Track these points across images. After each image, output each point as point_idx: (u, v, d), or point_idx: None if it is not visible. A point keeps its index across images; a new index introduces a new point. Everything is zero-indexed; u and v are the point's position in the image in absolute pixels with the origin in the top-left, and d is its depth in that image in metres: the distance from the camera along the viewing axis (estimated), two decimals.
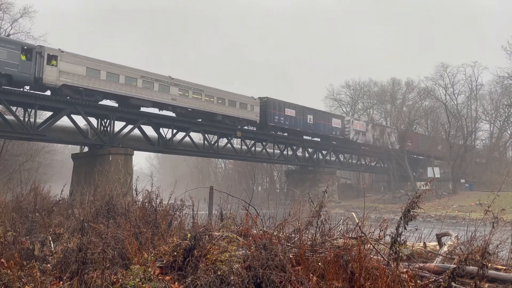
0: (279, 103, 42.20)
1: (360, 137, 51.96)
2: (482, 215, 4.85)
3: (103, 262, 4.87)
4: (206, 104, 35.68)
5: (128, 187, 11.32)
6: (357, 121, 54.21)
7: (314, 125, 45.74)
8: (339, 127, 49.53)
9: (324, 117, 48.29)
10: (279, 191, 58.30)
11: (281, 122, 41.94)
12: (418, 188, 5.01)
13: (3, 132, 25.59)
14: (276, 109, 41.71)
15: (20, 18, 34.50)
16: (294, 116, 43.22)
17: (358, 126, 52.51)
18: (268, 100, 41.30)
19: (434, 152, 58.12)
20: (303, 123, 44.36)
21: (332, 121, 48.75)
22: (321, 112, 48.46)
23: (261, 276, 4.26)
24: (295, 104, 43.84)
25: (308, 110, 45.48)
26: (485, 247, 4.20)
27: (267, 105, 40.80)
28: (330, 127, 48.15)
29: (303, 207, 6.63)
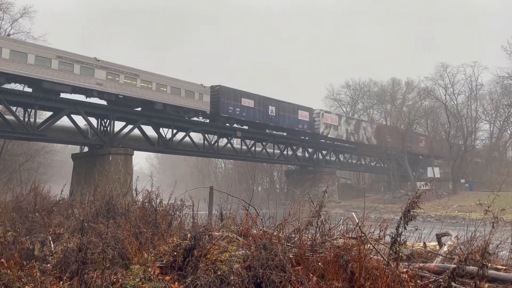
0: (234, 92, 38.10)
1: (332, 131, 48.36)
2: (482, 215, 4.86)
3: (103, 262, 4.87)
4: (142, 90, 31.17)
5: (128, 187, 11.32)
6: (328, 114, 49.74)
7: (277, 117, 41.75)
8: (307, 120, 45.39)
9: (289, 109, 43.83)
10: (279, 191, 58.30)
11: (237, 113, 37.72)
12: (418, 188, 5.01)
13: (3, 132, 25.61)
14: (231, 98, 37.45)
15: (20, 18, 34.54)
16: (252, 107, 39.09)
17: (329, 120, 48.52)
18: (221, 88, 37.18)
19: (417, 149, 56.59)
20: (263, 115, 40.37)
21: (298, 113, 44.54)
22: (285, 103, 43.61)
23: (261, 276, 4.26)
24: (254, 94, 40.03)
25: (269, 100, 41.56)
26: (485, 247, 4.20)
27: (220, 94, 36.64)
28: (296, 120, 44.15)
29: (303, 207, 6.63)
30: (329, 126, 47.93)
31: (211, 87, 36.90)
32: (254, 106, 39.31)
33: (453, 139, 55.23)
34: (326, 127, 47.54)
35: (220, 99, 36.64)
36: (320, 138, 47.63)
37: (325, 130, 47.46)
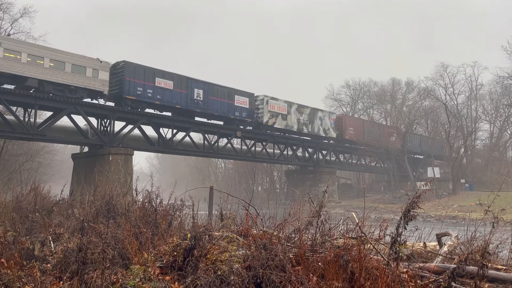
0: (145, 70, 31.16)
1: (279, 120, 41.81)
2: (482, 215, 4.86)
3: (103, 262, 4.87)
4: (6, 62, 24.33)
5: (128, 187, 11.33)
6: (275, 101, 41.82)
7: (205, 102, 35.13)
8: (246, 107, 38.72)
9: (221, 93, 36.87)
10: (279, 191, 58.31)
11: (148, 96, 31.02)
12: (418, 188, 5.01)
13: (3, 132, 25.60)
14: (140, 77, 30.57)
15: (20, 18, 34.57)
16: (171, 89, 32.52)
17: (276, 107, 41.72)
18: (126, 65, 30.24)
19: (386, 143, 52.46)
20: (186, 99, 33.70)
21: (235, 98, 37.77)
22: (216, 86, 36.77)
23: (261, 276, 4.26)
24: (173, 73, 33.23)
25: (194, 82, 34.56)
26: (485, 247, 4.21)
27: (125, 72, 29.75)
28: (231, 106, 37.46)
29: (303, 207, 6.64)
30: (275, 115, 41.46)
31: (114, 63, 30.65)
32: (173, 88, 32.76)
33: (453, 139, 55.23)
34: (271, 116, 41.07)
35: (125, 78, 29.75)
36: (264, 128, 40.98)
37: (271, 119, 40.96)
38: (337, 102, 71.28)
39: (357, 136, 50.55)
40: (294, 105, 44.18)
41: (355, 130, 50.54)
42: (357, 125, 51.94)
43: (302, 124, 44.63)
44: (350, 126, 50.44)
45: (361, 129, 51.85)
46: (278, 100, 42.48)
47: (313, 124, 45.84)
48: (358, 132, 50.92)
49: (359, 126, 52.10)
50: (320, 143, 48.98)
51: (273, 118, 41.28)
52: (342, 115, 51.55)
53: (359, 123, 52.94)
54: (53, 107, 27.67)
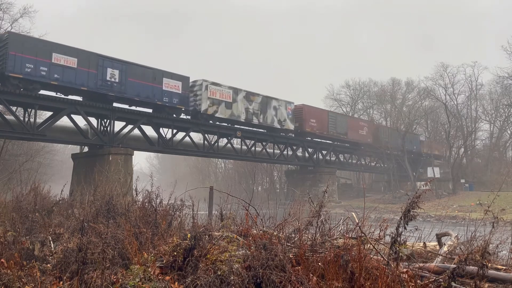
0: (38, 44, 26.12)
1: (222, 109, 36.24)
2: (482, 215, 4.86)
3: (103, 262, 4.87)
4: None
5: (128, 187, 11.33)
6: (216, 87, 36.06)
7: (123, 85, 29.44)
8: (178, 92, 33.10)
9: (145, 75, 30.85)
10: (279, 191, 58.31)
11: (42, 75, 25.55)
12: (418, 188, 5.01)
13: (3, 132, 25.59)
14: (31, 52, 25.05)
15: (20, 18, 34.57)
16: (74, 68, 27.12)
17: (218, 94, 36.03)
18: (12, 36, 25.21)
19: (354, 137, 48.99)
20: (96, 80, 28.24)
21: (163, 82, 32.01)
22: (139, 66, 31.11)
23: (261, 276, 4.26)
24: (79, 49, 27.87)
25: (109, 61, 29.20)
26: (485, 247, 4.21)
27: (9, 45, 24.22)
28: (159, 91, 31.78)
29: (303, 207, 6.64)
30: (217, 103, 35.87)
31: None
32: (77, 66, 27.37)
33: (453, 139, 55.23)
34: (212, 104, 35.45)
35: (9, 52, 24.23)
36: (203, 118, 35.52)
37: (211, 107, 35.33)
38: (337, 102, 71.36)
39: (320, 128, 45.23)
40: (241, 92, 38.25)
41: (317, 122, 45.05)
42: (320, 116, 46.02)
43: (252, 114, 38.92)
44: (311, 117, 44.69)
45: (324, 120, 46.22)
46: (221, 86, 36.66)
47: (266, 114, 40.09)
48: (321, 124, 45.43)
49: (322, 118, 46.27)
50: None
51: (214, 106, 35.60)
52: (302, 105, 44.54)
53: (322, 114, 46.97)
54: (53, 107, 27.68)
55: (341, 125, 48.53)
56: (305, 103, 46.02)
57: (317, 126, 45.14)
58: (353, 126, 50.55)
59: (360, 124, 53.04)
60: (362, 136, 50.95)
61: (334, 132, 47.20)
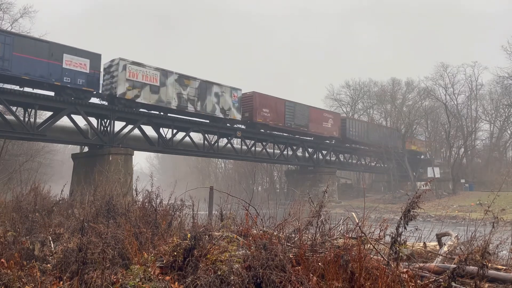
0: None
1: (147, 94, 30.71)
2: (482, 215, 4.86)
3: (103, 262, 4.87)
4: None
5: (128, 187, 11.33)
6: (139, 68, 30.28)
7: (6, 60, 23.97)
8: (85, 71, 27.45)
9: (39, 50, 25.56)
10: (279, 191, 58.30)
11: None
12: (418, 188, 5.01)
13: (3, 132, 25.60)
14: None
15: (20, 18, 34.57)
16: None
17: (141, 76, 30.29)
18: None
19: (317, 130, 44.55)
20: None
21: (63, 59, 26.41)
22: (31, 39, 26.37)
23: (261, 276, 4.26)
24: None
25: None
26: (485, 247, 4.21)
27: None
28: (57, 69, 26.11)
29: (303, 207, 6.63)
30: (139, 86, 30.30)
31: None
32: None
33: (453, 139, 55.21)
34: (132, 87, 29.87)
35: None
36: (121, 102, 29.93)
37: (130, 91, 29.78)
38: (337, 102, 71.34)
39: (274, 119, 40.00)
40: (172, 75, 32.34)
41: (272, 112, 39.72)
42: (274, 105, 40.01)
43: (186, 100, 33.28)
44: (264, 106, 39.10)
45: (280, 111, 40.68)
46: (146, 66, 30.84)
47: (205, 101, 34.46)
48: (276, 114, 40.04)
49: (278, 107, 40.41)
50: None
51: (134, 90, 29.98)
52: (252, 92, 38.88)
53: (277, 103, 40.65)
54: (53, 107, 27.68)
55: (301, 116, 43.05)
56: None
57: (271, 116, 39.59)
58: (315, 118, 44.85)
59: (325, 115, 46.95)
60: (326, 129, 45.85)
61: (292, 124, 41.86)
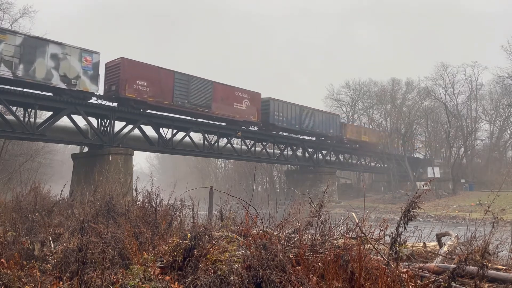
0: None
1: None
2: (482, 215, 4.86)
3: (103, 262, 4.87)
4: None
5: (128, 187, 11.33)
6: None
7: None
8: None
9: None
10: (279, 191, 58.29)
11: None
12: (418, 188, 5.01)
13: (3, 132, 25.60)
14: None
15: (20, 18, 34.55)
16: None
17: None
18: None
19: (226, 112, 35.39)
20: None
21: None
22: None
23: (261, 276, 4.26)
24: None
25: None
26: (485, 247, 4.21)
27: None
28: None
29: (303, 207, 6.63)
30: None
31: None
32: None
33: (453, 139, 55.19)
34: None
35: None
36: None
37: None
38: (337, 102, 71.34)
39: (156, 95, 29.94)
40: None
41: (152, 85, 29.75)
42: (156, 77, 30.08)
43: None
44: (139, 77, 29.04)
45: (166, 85, 30.76)
46: None
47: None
48: (159, 89, 30.18)
49: (162, 80, 30.55)
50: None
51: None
52: (121, 58, 29.16)
53: (161, 74, 30.67)
54: (53, 107, 27.68)
55: (200, 93, 33.40)
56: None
57: (150, 91, 29.58)
58: (223, 97, 35.20)
59: (238, 94, 36.54)
60: (239, 112, 36.37)
61: (185, 103, 32.24)
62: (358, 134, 52.35)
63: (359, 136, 52.27)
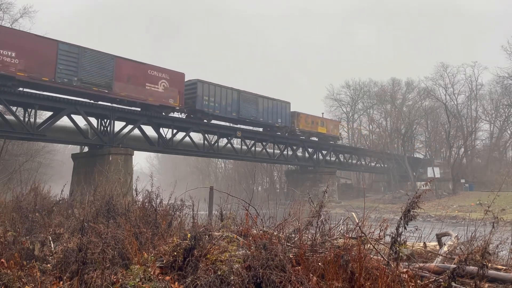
0: None
1: None
2: (482, 215, 4.86)
3: (103, 262, 4.87)
4: None
5: (128, 187, 11.33)
6: None
7: None
8: None
9: None
10: (279, 191, 58.30)
11: None
12: (418, 188, 5.01)
13: (3, 132, 25.58)
14: None
15: (20, 18, 34.55)
16: None
17: None
18: None
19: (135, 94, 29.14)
20: None
21: None
22: None
23: (261, 276, 4.26)
24: None
25: None
26: (485, 247, 4.21)
27: None
28: None
29: (303, 207, 6.63)
30: None
31: None
32: None
33: (453, 139, 55.20)
34: None
35: None
36: None
37: None
38: (337, 102, 71.38)
39: (30, 68, 24.40)
40: None
41: (24, 56, 24.14)
42: (31, 46, 24.58)
43: None
44: (5, 46, 23.46)
45: (46, 56, 25.19)
46: None
47: None
48: (34, 61, 24.52)
49: (40, 50, 24.91)
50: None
51: None
52: None
53: (39, 43, 25.06)
54: (53, 107, 27.68)
55: (96, 69, 27.54)
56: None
57: (20, 63, 24.16)
58: (130, 75, 29.06)
59: (151, 73, 30.36)
60: (153, 94, 30.34)
61: (73, 81, 26.39)
62: (314, 125, 46.13)
63: (314, 127, 46.11)
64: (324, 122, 48.33)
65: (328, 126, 48.27)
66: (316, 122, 46.81)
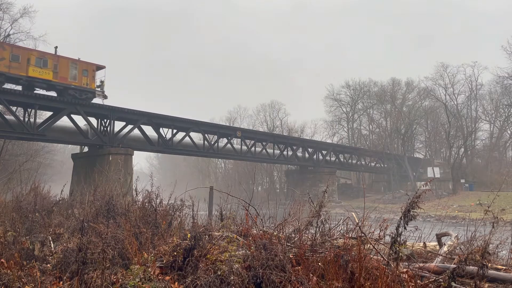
0: None
1: None
2: (482, 215, 4.86)
3: (103, 262, 4.87)
4: None
5: (128, 187, 11.32)
6: None
7: None
8: None
9: None
10: (279, 191, 58.31)
11: None
12: (418, 188, 5.01)
13: (3, 132, 25.60)
14: None
15: (20, 18, 34.53)
16: None
17: None
18: None
19: None
20: None
21: None
22: None
23: (261, 276, 4.26)
24: None
25: None
26: (485, 247, 4.21)
27: None
28: None
29: (303, 207, 6.63)
30: None
31: None
32: None
33: (453, 139, 55.21)
34: None
35: None
36: None
37: None
38: (337, 102, 71.35)
39: None
40: None
41: None
42: None
43: None
44: None
45: None
46: None
47: None
48: None
49: None
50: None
51: None
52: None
53: None
54: (53, 107, 27.68)
55: None
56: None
57: None
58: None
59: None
60: None
61: None
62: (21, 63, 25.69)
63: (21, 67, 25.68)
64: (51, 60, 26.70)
65: (61, 69, 27.20)
66: (28, 58, 25.85)
